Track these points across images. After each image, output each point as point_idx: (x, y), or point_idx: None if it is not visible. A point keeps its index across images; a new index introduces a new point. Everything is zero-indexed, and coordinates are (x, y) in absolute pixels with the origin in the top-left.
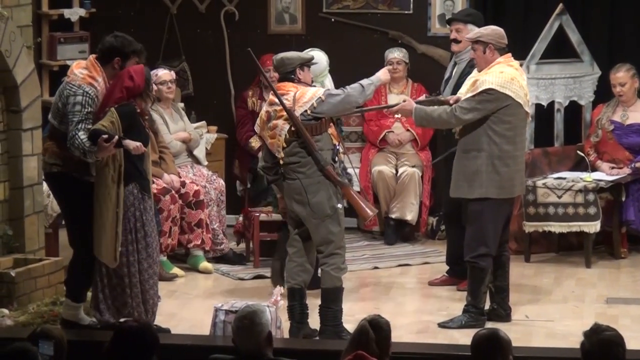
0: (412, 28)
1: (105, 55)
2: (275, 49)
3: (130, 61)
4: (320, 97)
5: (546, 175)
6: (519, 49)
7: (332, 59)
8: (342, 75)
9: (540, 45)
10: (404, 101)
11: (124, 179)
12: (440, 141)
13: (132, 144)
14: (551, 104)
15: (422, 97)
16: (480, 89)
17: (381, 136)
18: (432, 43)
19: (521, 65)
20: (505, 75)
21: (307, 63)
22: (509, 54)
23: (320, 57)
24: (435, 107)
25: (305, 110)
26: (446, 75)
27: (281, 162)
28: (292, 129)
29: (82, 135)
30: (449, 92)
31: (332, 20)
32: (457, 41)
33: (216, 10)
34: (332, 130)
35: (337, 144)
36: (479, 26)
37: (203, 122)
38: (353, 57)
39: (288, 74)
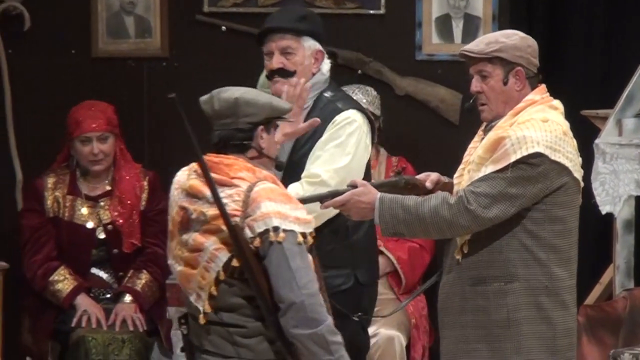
0: (386, 45)
1: None
2: (108, 89)
3: None
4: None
5: None
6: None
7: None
8: None
9: None
10: (354, 186)
11: None
12: None
13: None
14: None
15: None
16: (516, 155)
17: None
18: (425, 74)
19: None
20: (554, 128)
21: (280, 118)
22: (544, 87)
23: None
24: (414, 196)
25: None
26: None
27: (202, 319)
28: (235, 262)
29: None
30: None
31: (223, 29)
32: (285, 72)
33: None
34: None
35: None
36: (320, 39)
37: None
38: None
39: (240, 134)
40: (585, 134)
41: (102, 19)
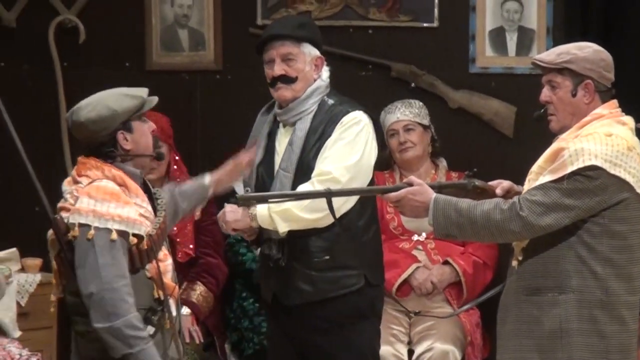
0: (439, 58)
1: None
2: (162, 101)
3: None
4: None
5: None
6: None
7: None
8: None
9: None
10: (409, 185)
11: None
12: None
13: None
14: None
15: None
16: (572, 167)
17: (402, 277)
18: (479, 87)
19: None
20: (617, 142)
21: (137, 114)
22: (615, 102)
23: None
24: (469, 200)
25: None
26: (258, 157)
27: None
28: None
29: None
30: (288, 182)
31: None
32: (287, 79)
33: (40, 23)
34: (162, 264)
35: (164, 297)
36: (319, 46)
37: (13, 251)
38: None
39: (101, 147)
40: None
41: (156, 32)
